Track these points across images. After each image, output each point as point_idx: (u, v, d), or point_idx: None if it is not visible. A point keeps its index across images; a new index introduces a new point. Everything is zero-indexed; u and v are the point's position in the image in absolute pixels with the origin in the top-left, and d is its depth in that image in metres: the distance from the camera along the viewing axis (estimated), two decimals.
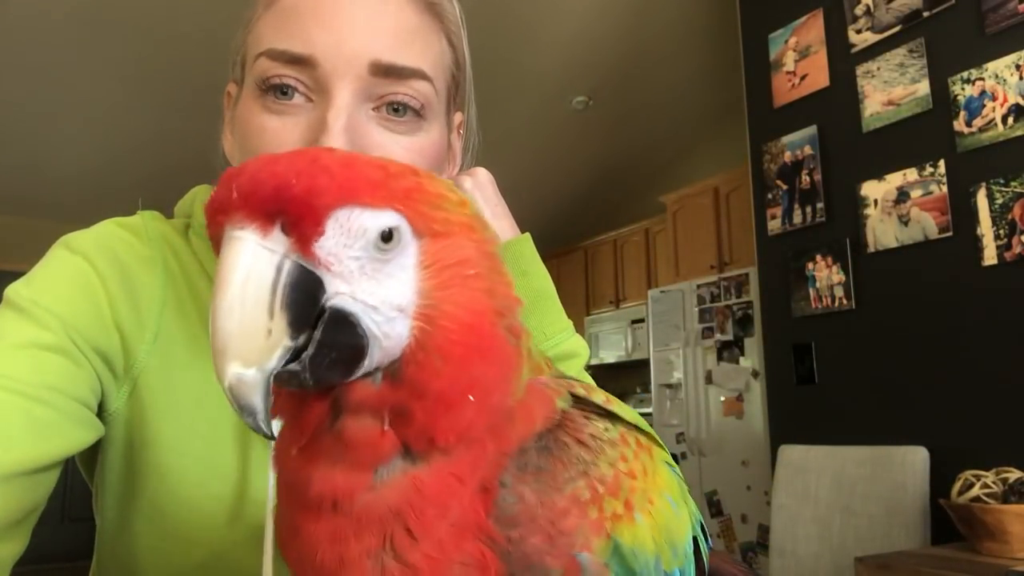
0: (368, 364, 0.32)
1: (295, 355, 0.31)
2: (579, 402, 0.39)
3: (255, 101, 0.54)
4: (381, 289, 0.32)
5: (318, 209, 0.30)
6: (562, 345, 0.65)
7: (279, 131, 0.52)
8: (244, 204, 0.30)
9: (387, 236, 0.32)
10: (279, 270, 0.30)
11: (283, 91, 0.52)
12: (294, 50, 0.52)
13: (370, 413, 0.32)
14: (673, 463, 0.44)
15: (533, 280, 0.65)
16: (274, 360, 0.30)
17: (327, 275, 0.31)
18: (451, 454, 0.33)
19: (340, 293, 0.32)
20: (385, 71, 0.53)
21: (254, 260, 0.30)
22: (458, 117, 0.66)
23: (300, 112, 0.53)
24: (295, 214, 0.30)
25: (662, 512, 0.38)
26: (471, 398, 0.33)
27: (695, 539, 0.42)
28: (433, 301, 0.33)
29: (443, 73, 0.59)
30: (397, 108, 0.54)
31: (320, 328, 0.31)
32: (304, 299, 0.31)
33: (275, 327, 0.30)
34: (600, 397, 0.40)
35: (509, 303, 0.36)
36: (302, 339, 0.31)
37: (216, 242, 0.31)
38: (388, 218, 0.32)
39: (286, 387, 0.32)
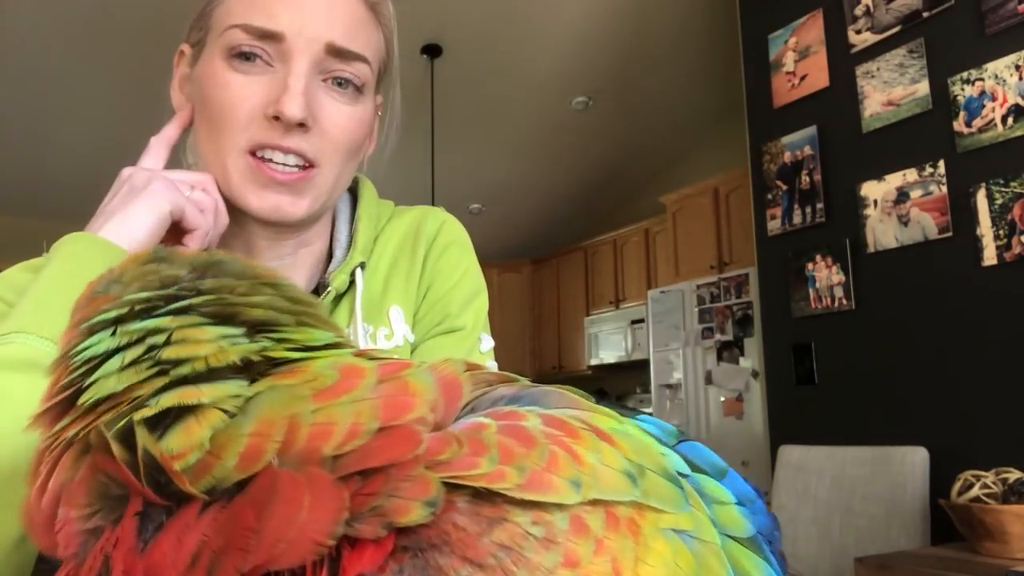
0: None
1: None
2: (478, 497, 0.23)
3: (222, 61, 0.64)
4: None
5: None
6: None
7: (244, 86, 0.63)
8: None
9: None
10: None
11: (248, 57, 0.63)
12: (267, 27, 0.62)
13: None
14: (689, 522, 0.27)
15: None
16: None
17: None
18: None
19: None
20: (337, 52, 0.65)
21: None
22: (378, 99, 0.76)
23: (262, 74, 0.63)
24: None
25: None
26: None
27: None
28: None
29: (377, 61, 0.71)
30: (341, 82, 0.66)
31: None
32: None
33: None
34: (519, 467, 0.24)
35: None
36: None
37: None
38: None
39: None
